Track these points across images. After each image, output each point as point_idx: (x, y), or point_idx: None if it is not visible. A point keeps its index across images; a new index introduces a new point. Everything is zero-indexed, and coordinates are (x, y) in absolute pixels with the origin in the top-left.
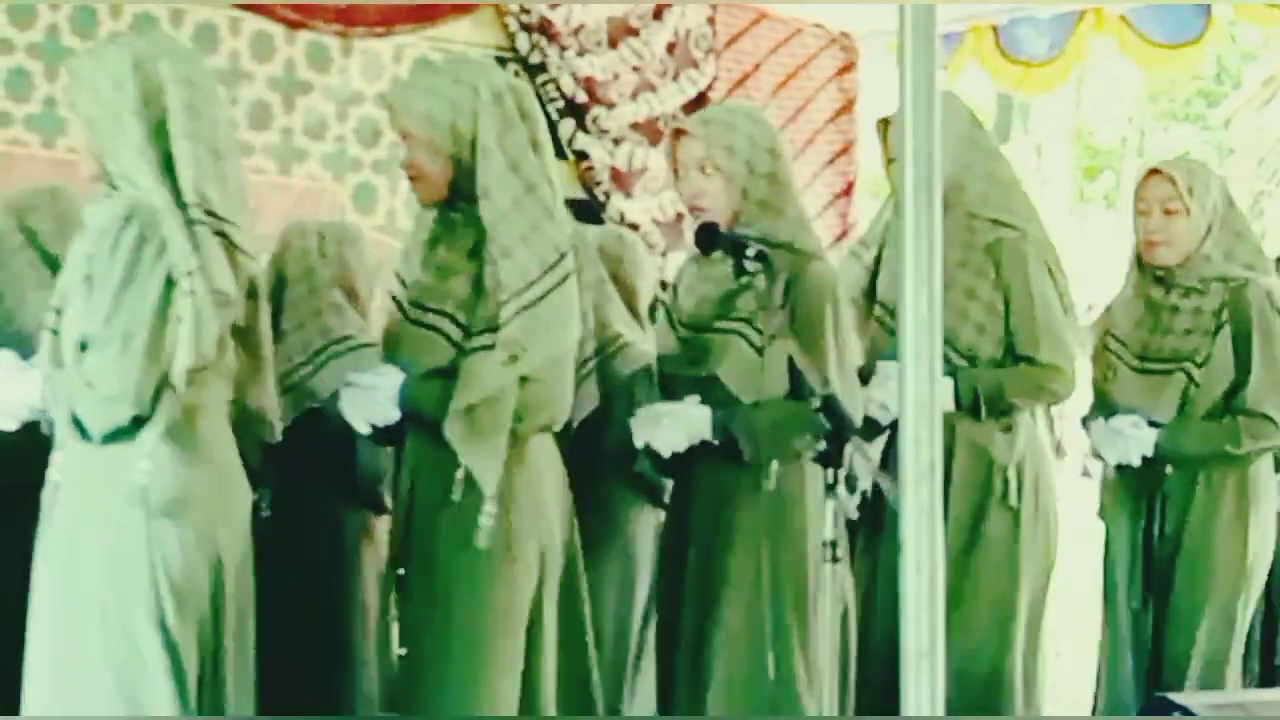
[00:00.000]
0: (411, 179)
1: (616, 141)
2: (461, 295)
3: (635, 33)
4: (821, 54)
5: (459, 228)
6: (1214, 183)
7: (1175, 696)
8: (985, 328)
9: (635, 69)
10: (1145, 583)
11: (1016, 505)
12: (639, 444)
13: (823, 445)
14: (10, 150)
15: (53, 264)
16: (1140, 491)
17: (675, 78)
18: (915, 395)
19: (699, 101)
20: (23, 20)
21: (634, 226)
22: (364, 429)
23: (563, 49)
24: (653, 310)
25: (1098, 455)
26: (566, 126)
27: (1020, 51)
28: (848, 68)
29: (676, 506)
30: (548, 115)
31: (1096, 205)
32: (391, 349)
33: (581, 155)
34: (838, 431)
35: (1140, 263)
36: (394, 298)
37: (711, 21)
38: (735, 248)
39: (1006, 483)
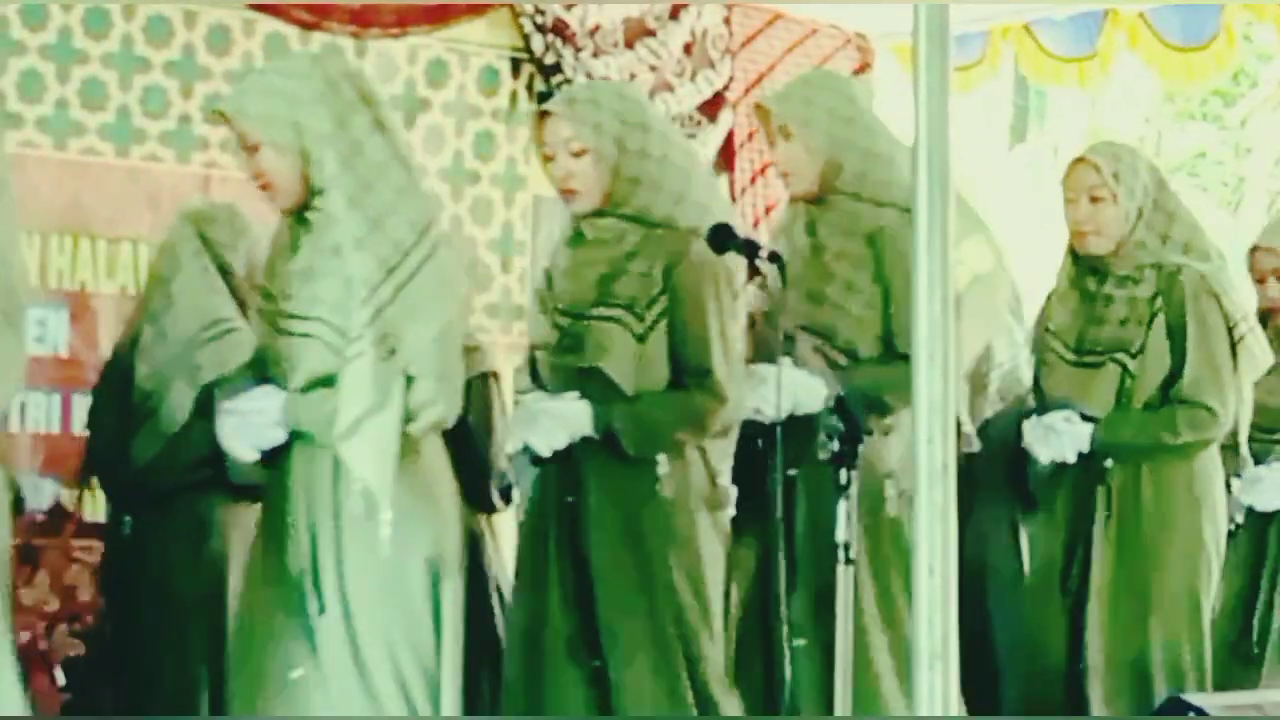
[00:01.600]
0: (263, 189)
1: None
2: (331, 297)
3: (652, 33)
4: (837, 55)
5: (317, 227)
6: (1142, 166)
7: (1190, 697)
8: (865, 322)
9: (652, 68)
10: (1083, 580)
11: (897, 513)
12: (517, 444)
13: (835, 446)
14: (22, 152)
15: (225, 271)
16: (1082, 488)
17: (692, 78)
18: (928, 397)
19: (715, 103)
20: (35, 22)
21: None
22: (251, 456)
23: (578, 50)
24: None
25: (1033, 452)
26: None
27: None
28: (863, 68)
29: (567, 504)
30: None
31: None
32: (268, 366)
33: None
34: (850, 432)
35: (1073, 253)
36: (261, 312)
37: (727, 22)
38: (748, 249)
39: (885, 488)
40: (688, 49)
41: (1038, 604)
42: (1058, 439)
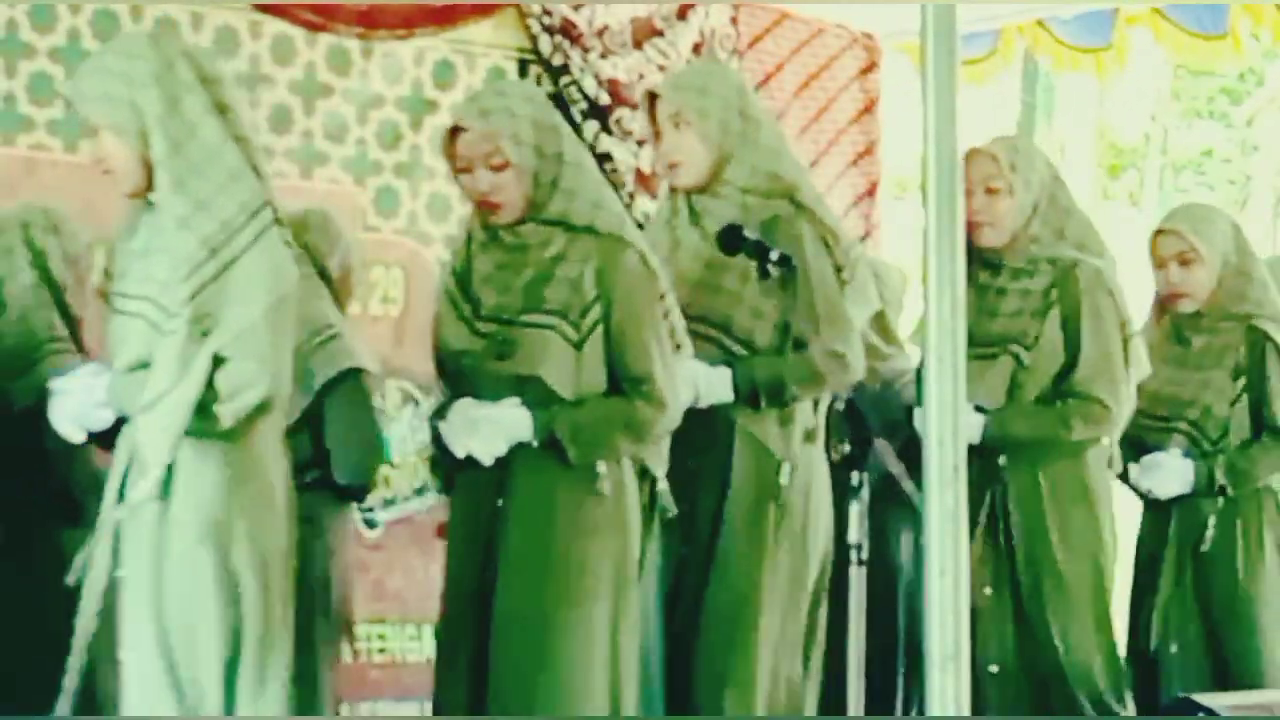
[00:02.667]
0: (105, 174)
1: (640, 143)
2: (161, 277)
3: (660, 34)
4: (843, 54)
5: (156, 208)
6: (1039, 159)
7: (1198, 697)
8: (762, 313)
9: (661, 68)
10: (991, 578)
11: (789, 501)
12: (459, 453)
13: (847, 448)
14: (33, 155)
15: (323, 276)
16: (972, 481)
17: None
18: (938, 398)
19: None
20: (44, 24)
21: None
22: (78, 436)
23: (585, 51)
24: None
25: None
26: (590, 128)
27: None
28: (870, 68)
29: (497, 508)
30: (570, 118)
31: (1120, 203)
32: (105, 346)
33: (605, 157)
34: (861, 434)
35: (967, 245)
36: (103, 293)
37: (734, 22)
38: (759, 251)
39: (780, 477)
40: (697, 49)
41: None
42: None
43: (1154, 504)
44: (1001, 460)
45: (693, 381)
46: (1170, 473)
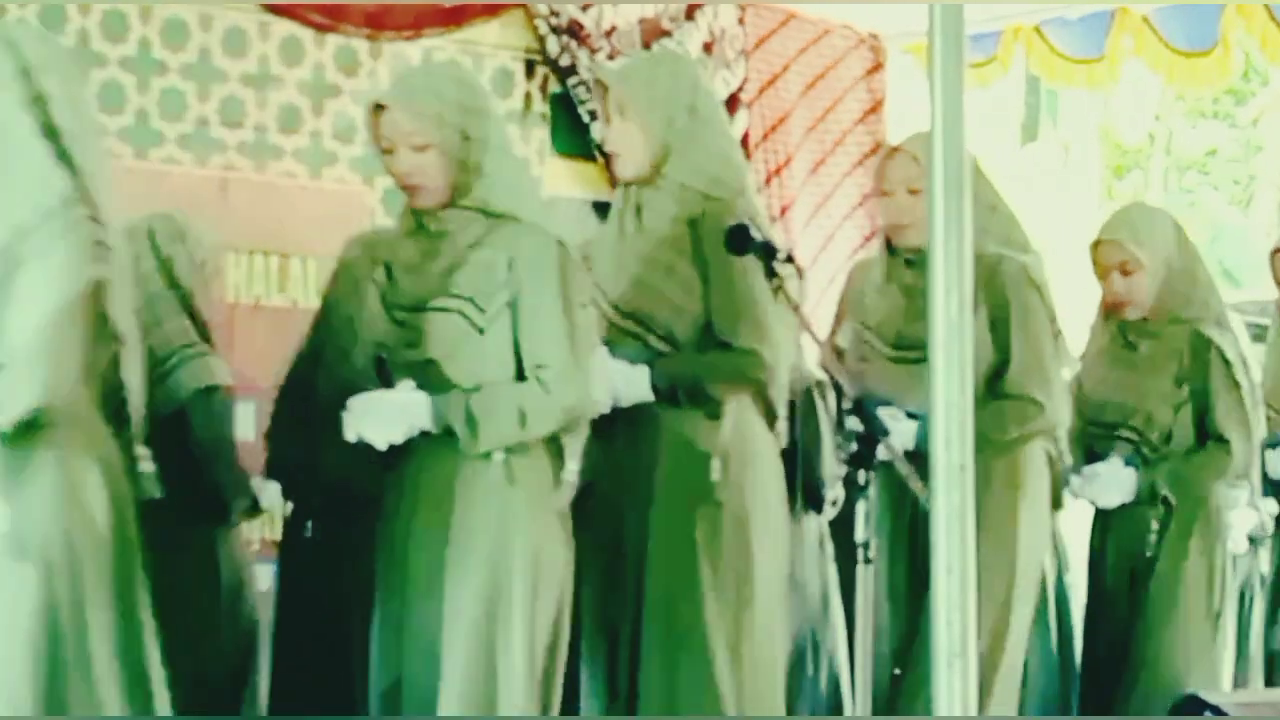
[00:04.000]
0: None
1: None
2: None
3: (668, 34)
4: (850, 55)
5: None
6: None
7: (1206, 695)
8: (683, 309)
9: None
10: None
11: (721, 499)
12: (351, 437)
13: (853, 447)
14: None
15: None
16: (901, 488)
17: (712, 78)
18: (945, 397)
19: (730, 104)
20: (52, 26)
21: None
22: None
23: (593, 51)
24: None
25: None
26: (598, 128)
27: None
28: (876, 69)
29: (390, 502)
30: (579, 118)
31: (1125, 204)
32: None
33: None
34: (868, 432)
35: (889, 247)
36: None
37: (741, 22)
38: (766, 251)
39: (711, 473)
40: (707, 49)
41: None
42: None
43: (1099, 512)
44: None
45: (612, 380)
46: (1111, 482)
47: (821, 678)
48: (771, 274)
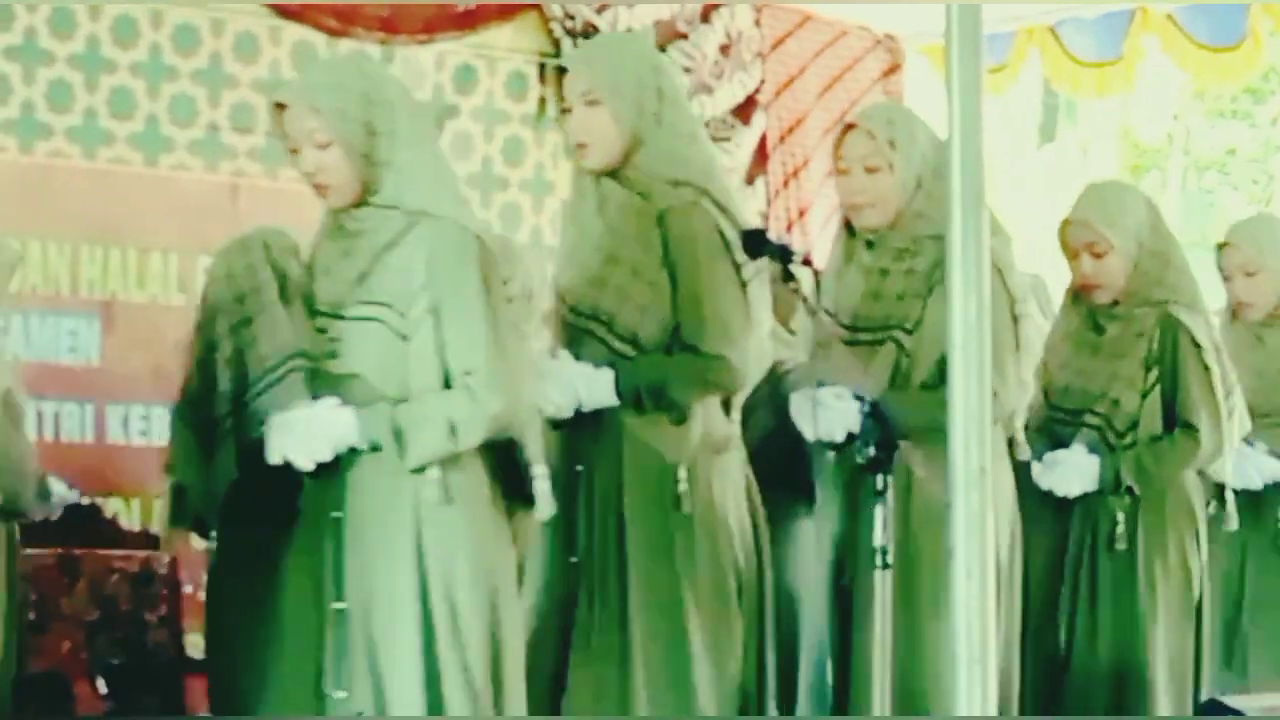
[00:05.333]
0: None
1: None
2: None
3: (684, 36)
4: (867, 56)
5: None
6: (920, 132)
7: (1229, 700)
8: (649, 309)
9: (687, 70)
10: (855, 578)
11: (690, 510)
12: (275, 459)
13: (871, 451)
14: (51, 162)
15: None
16: (854, 473)
17: (729, 80)
18: (964, 402)
19: (748, 105)
20: (63, 30)
21: None
22: None
23: None
24: None
25: (799, 428)
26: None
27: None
28: (893, 70)
29: (333, 519)
30: None
31: None
32: None
33: None
34: (886, 436)
35: (849, 227)
36: None
37: (758, 24)
38: (782, 255)
39: (677, 483)
40: (724, 50)
41: (809, 605)
42: (826, 415)
43: (1059, 501)
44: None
45: (573, 384)
46: (1073, 470)
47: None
48: (788, 277)
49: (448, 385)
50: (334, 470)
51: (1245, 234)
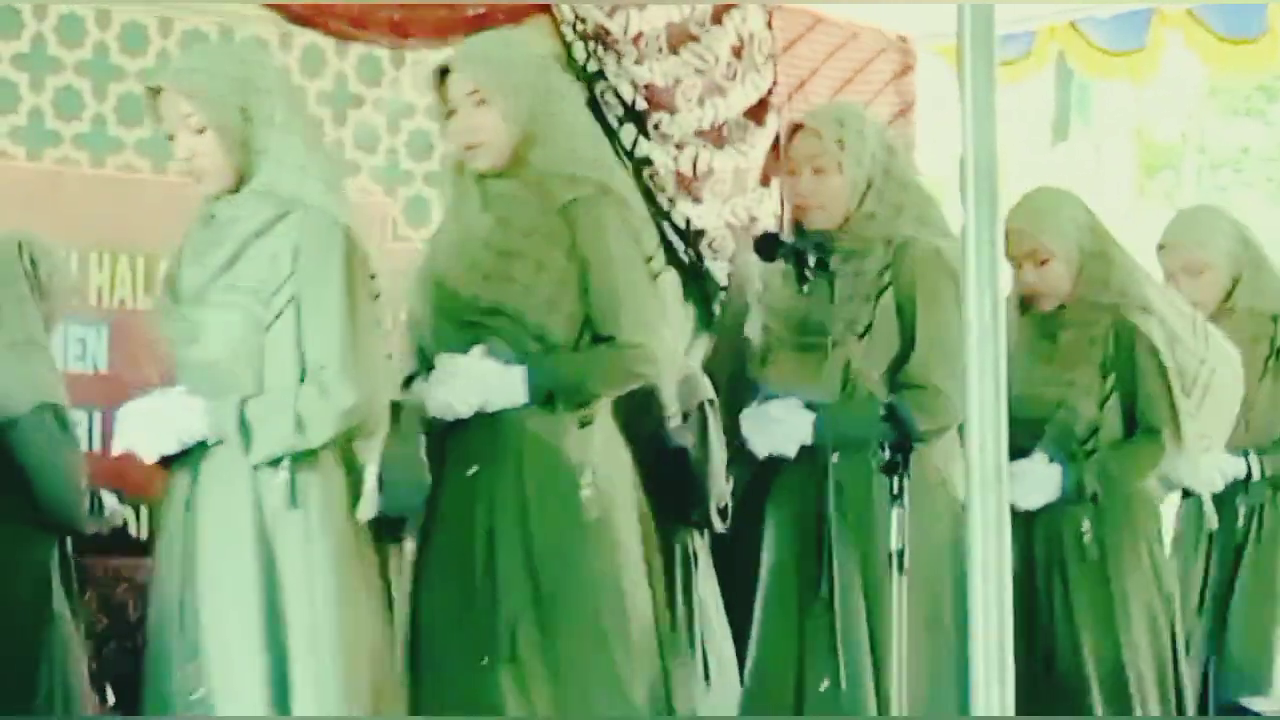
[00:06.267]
0: None
1: (680, 146)
2: None
3: (696, 39)
4: (879, 58)
5: None
6: (870, 131)
7: (1248, 702)
8: (558, 303)
9: (699, 71)
10: (818, 585)
11: (596, 514)
12: (119, 449)
13: (887, 454)
14: (60, 169)
15: None
16: (806, 483)
17: (742, 82)
18: (980, 402)
19: (761, 107)
20: (72, 39)
21: (700, 232)
22: None
23: (620, 56)
24: None
25: (750, 445)
26: (628, 133)
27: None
28: (905, 71)
29: (186, 517)
30: (606, 122)
31: (1157, 202)
32: None
33: (645, 161)
34: (901, 440)
35: (798, 228)
36: None
37: (770, 26)
38: (796, 256)
39: (580, 486)
40: (736, 52)
41: (771, 622)
42: (777, 430)
43: (1021, 513)
44: (835, 459)
45: (484, 382)
46: (1035, 481)
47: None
48: (803, 279)
49: (305, 379)
50: (186, 461)
51: (1182, 233)
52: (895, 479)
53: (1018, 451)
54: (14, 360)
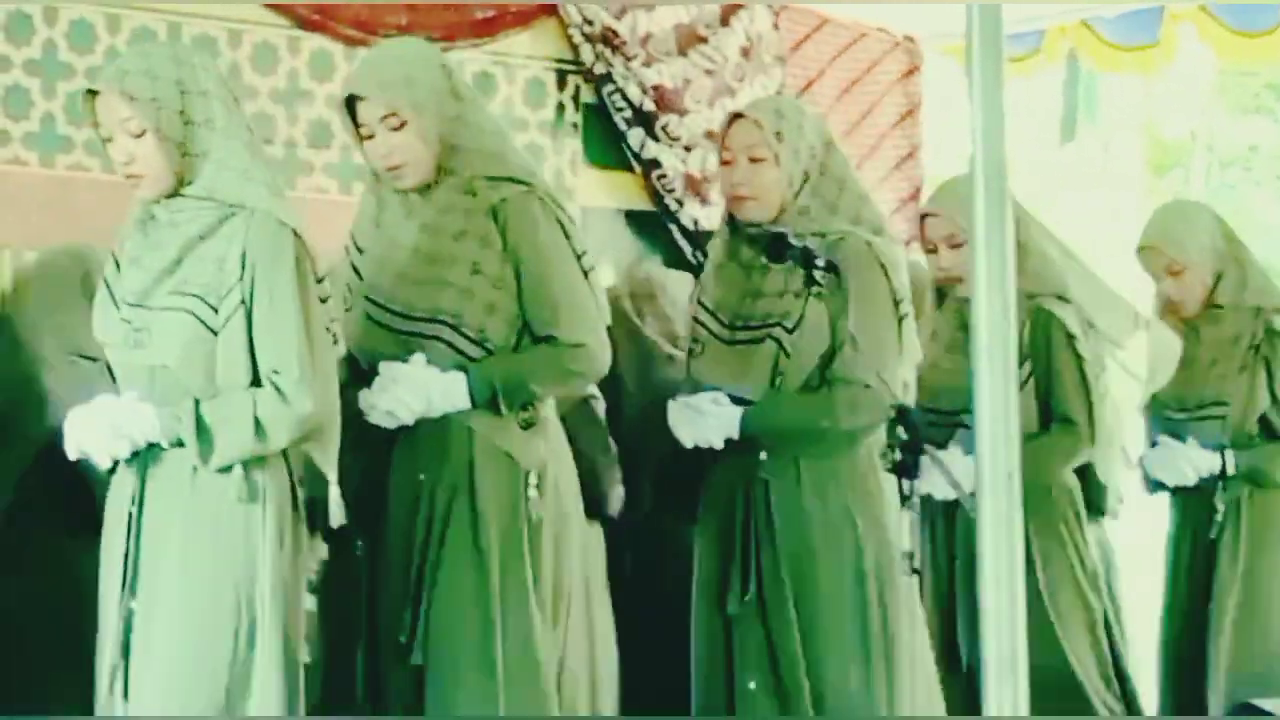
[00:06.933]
0: None
1: (688, 148)
2: None
3: (704, 40)
4: (885, 58)
5: None
6: (809, 127)
7: (1262, 702)
8: (495, 306)
9: (709, 72)
10: (744, 586)
11: (539, 514)
12: (73, 454)
13: (898, 456)
14: (71, 175)
15: None
16: (734, 480)
17: (751, 83)
18: (990, 404)
19: None
20: (82, 45)
21: (708, 234)
22: None
23: (628, 59)
24: None
25: (676, 435)
26: (635, 135)
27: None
28: (912, 72)
29: (130, 516)
30: (612, 128)
31: (1165, 200)
32: None
33: (653, 164)
34: (913, 441)
35: (731, 220)
36: None
37: (776, 27)
38: (805, 259)
39: (527, 487)
40: (745, 53)
41: (702, 621)
42: (702, 422)
43: (941, 506)
44: (762, 455)
45: (424, 390)
46: (957, 471)
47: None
48: (811, 281)
49: (256, 383)
50: (132, 463)
51: (1159, 235)
52: (906, 481)
53: (932, 444)
54: (76, 375)
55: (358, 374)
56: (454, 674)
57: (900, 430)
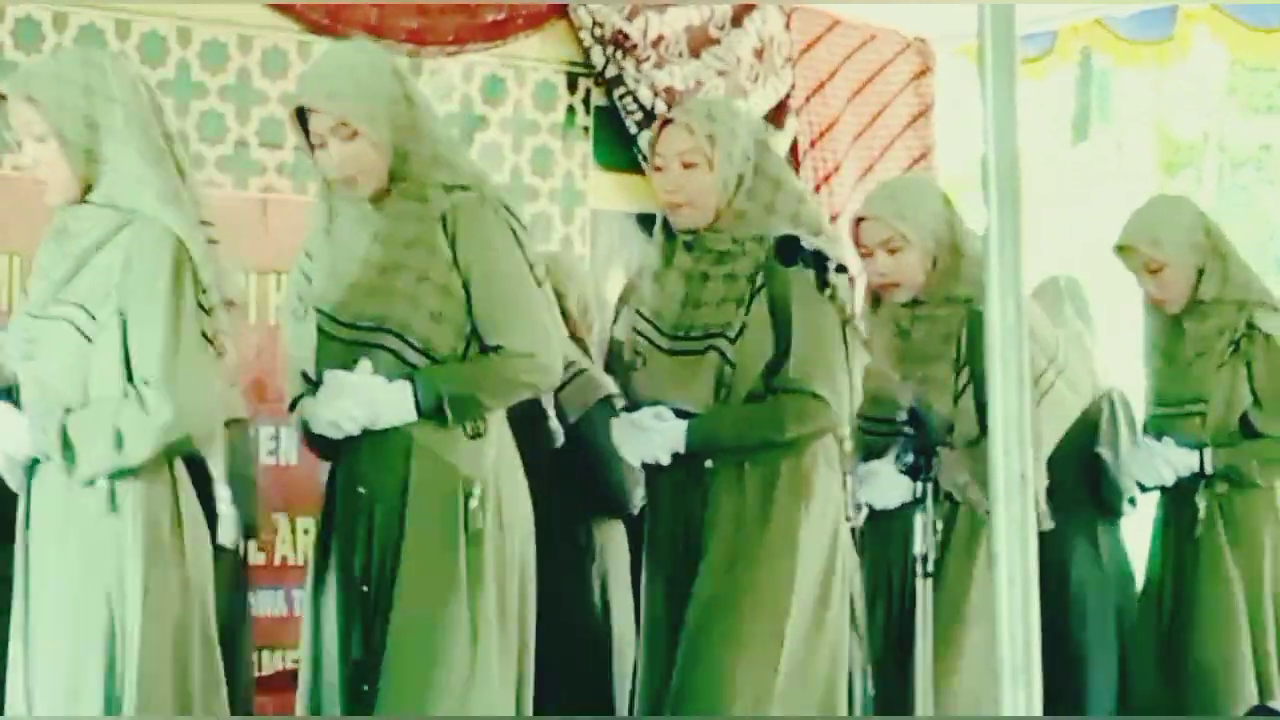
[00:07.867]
0: None
1: None
2: None
3: (716, 42)
4: (897, 59)
5: None
6: (742, 128)
7: (1277, 704)
8: (443, 315)
9: (721, 74)
10: (687, 586)
11: (482, 526)
12: None
13: (909, 458)
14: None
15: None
16: (677, 492)
17: (763, 84)
18: (1003, 407)
19: (780, 110)
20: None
21: None
22: None
23: (639, 61)
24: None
25: (622, 453)
26: (646, 138)
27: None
28: (924, 73)
29: (25, 532)
30: (623, 130)
31: None
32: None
33: None
34: (924, 443)
35: (666, 227)
36: None
37: (788, 29)
38: (817, 262)
39: (469, 499)
40: (758, 54)
41: (649, 632)
42: (646, 439)
43: (877, 514)
44: (708, 464)
45: (369, 399)
46: (889, 481)
47: None
48: (824, 284)
49: (127, 394)
50: (26, 477)
51: (1138, 234)
52: (918, 483)
53: (871, 451)
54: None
55: (314, 386)
56: (399, 685)
57: (912, 431)
